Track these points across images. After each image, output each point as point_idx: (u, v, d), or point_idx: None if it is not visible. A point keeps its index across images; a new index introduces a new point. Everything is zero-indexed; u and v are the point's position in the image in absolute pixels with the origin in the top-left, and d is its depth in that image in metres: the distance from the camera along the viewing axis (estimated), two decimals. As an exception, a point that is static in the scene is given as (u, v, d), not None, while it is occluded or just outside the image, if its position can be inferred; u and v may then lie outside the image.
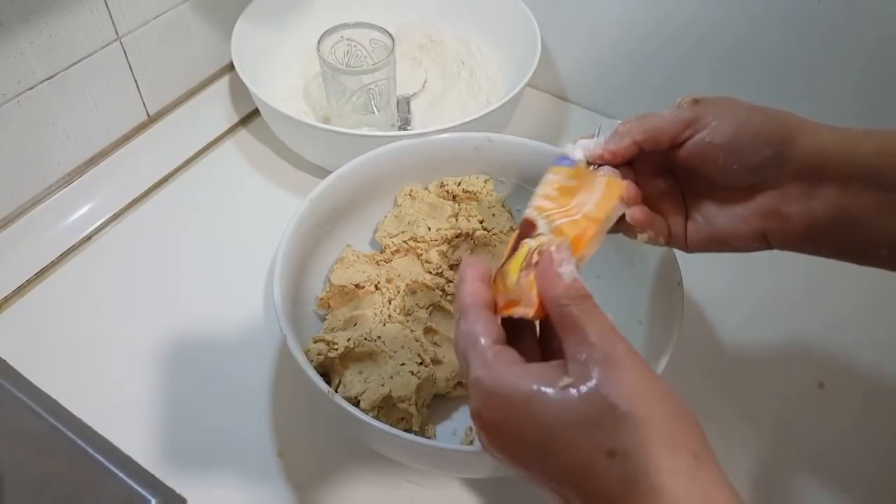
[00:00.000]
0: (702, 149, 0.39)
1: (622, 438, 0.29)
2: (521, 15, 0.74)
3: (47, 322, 0.60)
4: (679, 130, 0.40)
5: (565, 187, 0.38)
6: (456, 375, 0.53)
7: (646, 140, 0.41)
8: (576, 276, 0.33)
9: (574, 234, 0.37)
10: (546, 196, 0.39)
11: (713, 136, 0.39)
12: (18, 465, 0.46)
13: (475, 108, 0.75)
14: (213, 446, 0.53)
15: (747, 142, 0.38)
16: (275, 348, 0.59)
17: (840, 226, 0.38)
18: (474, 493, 0.52)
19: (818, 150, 0.38)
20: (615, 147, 0.41)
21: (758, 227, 0.41)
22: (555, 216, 0.38)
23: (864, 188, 0.37)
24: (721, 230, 0.42)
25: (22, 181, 0.63)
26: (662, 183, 0.43)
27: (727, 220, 0.42)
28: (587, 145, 0.42)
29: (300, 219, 0.54)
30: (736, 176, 0.40)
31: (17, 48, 0.57)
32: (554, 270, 0.33)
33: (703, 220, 0.43)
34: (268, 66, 0.75)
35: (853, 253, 0.40)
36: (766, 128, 0.39)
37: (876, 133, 0.37)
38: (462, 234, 0.59)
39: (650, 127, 0.40)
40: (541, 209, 0.38)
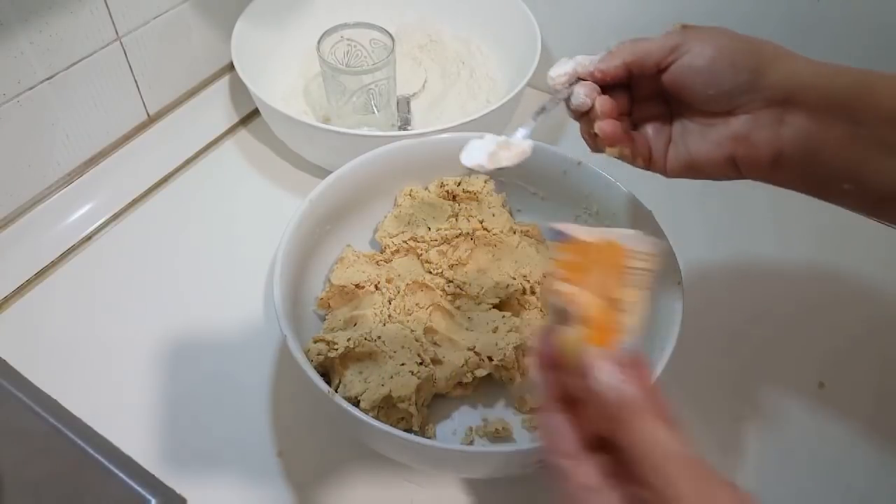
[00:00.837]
0: (682, 73, 0.42)
1: None
2: (521, 15, 0.74)
3: (47, 322, 0.60)
4: (664, 54, 0.42)
5: (571, 264, 0.36)
6: (456, 375, 0.53)
7: (634, 62, 0.43)
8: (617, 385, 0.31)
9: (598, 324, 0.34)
10: (559, 278, 0.36)
11: (692, 61, 0.41)
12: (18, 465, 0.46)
13: (475, 108, 0.75)
14: (212, 446, 0.53)
15: (723, 68, 0.40)
16: (275, 348, 0.59)
17: (806, 155, 0.39)
18: (474, 493, 0.52)
19: (791, 79, 0.39)
20: (605, 66, 0.44)
21: (729, 152, 0.42)
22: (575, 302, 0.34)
23: (834, 120, 0.38)
24: (696, 154, 0.43)
25: (22, 181, 0.63)
26: (655, 108, 0.45)
27: (702, 144, 0.43)
28: (582, 62, 0.44)
29: (300, 219, 0.54)
30: (712, 101, 0.41)
31: (17, 48, 0.57)
32: (592, 386, 0.31)
33: (682, 144, 0.44)
34: (268, 66, 0.75)
35: (817, 185, 0.41)
36: (743, 55, 0.40)
37: (854, 70, 0.38)
38: (462, 234, 0.59)
39: (639, 50, 0.43)
40: (561, 295, 0.35)
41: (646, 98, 0.45)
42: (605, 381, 0.31)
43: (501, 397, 0.55)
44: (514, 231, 0.60)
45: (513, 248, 0.59)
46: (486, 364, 0.53)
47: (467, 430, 0.53)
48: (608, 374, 0.31)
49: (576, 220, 0.61)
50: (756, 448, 0.55)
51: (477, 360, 0.53)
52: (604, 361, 0.31)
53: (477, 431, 0.53)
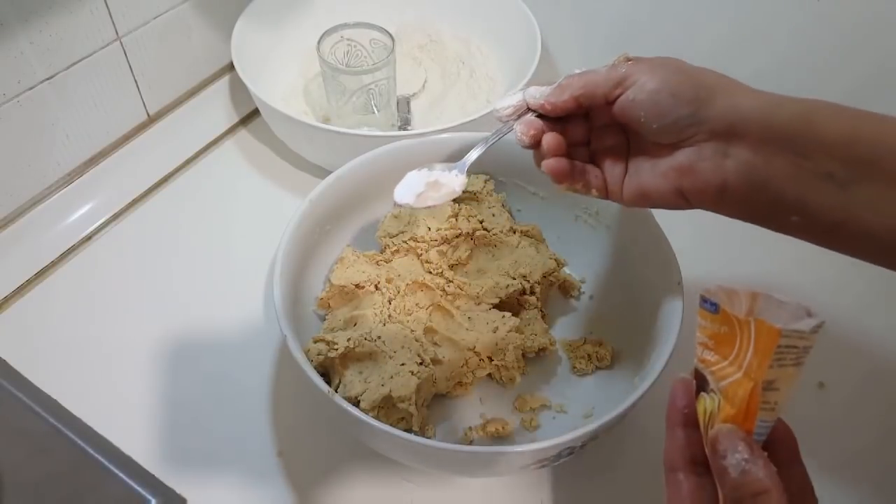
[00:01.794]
0: (627, 106, 0.42)
1: None
2: (521, 15, 0.74)
3: (47, 322, 0.60)
4: (611, 87, 0.42)
5: (719, 335, 0.33)
6: (456, 375, 0.53)
7: (583, 95, 0.43)
8: (744, 467, 0.30)
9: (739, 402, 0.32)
10: (704, 346, 0.34)
11: (636, 94, 0.41)
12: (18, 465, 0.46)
13: (475, 108, 0.75)
14: (212, 446, 0.53)
15: (665, 101, 0.40)
16: (275, 348, 0.59)
17: (751, 187, 0.39)
18: (474, 493, 0.52)
19: (733, 111, 0.39)
20: (555, 100, 0.44)
21: (675, 184, 0.42)
22: (718, 373, 0.33)
23: (777, 151, 0.38)
24: (646, 185, 0.44)
25: (22, 181, 0.63)
26: (612, 137, 0.45)
27: (652, 175, 0.43)
28: (533, 94, 0.45)
29: (300, 219, 0.54)
30: (657, 133, 0.41)
31: (17, 48, 0.57)
32: (720, 464, 0.30)
33: (635, 175, 0.45)
34: (268, 66, 0.75)
35: (764, 217, 0.41)
36: (685, 87, 0.40)
37: (797, 100, 0.38)
38: (462, 234, 0.59)
39: (587, 82, 0.43)
40: (705, 363, 0.33)
41: (603, 127, 0.46)
42: (733, 462, 0.30)
43: (501, 397, 0.55)
44: (514, 231, 0.60)
45: (513, 248, 0.59)
46: (486, 364, 0.53)
47: (467, 430, 0.53)
48: (737, 455, 0.30)
49: (576, 220, 0.61)
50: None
51: (477, 360, 0.53)
52: (736, 440, 0.30)
53: (477, 431, 0.53)
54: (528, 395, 0.55)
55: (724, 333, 0.32)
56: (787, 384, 0.31)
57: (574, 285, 0.61)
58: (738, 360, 0.32)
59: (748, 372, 0.31)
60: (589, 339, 0.57)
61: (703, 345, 0.33)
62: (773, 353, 0.30)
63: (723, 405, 0.31)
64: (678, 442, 0.34)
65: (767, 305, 0.31)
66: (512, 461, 0.46)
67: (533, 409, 0.54)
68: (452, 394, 0.54)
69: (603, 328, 0.58)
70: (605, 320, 0.59)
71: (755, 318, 0.31)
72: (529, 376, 0.56)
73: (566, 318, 0.60)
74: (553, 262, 0.58)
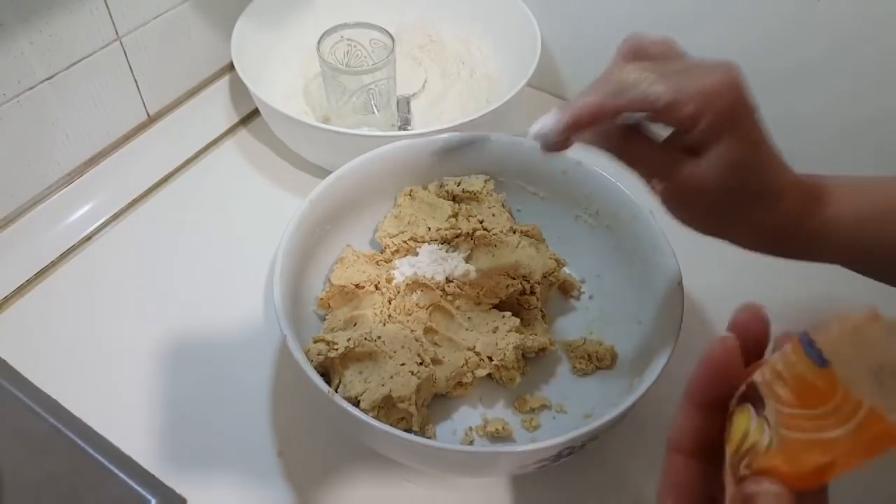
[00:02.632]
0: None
1: None
2: (521, 15, 0.74)
3: (47, 322, 0.60)
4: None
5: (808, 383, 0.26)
6: (456, 375, 0.53)
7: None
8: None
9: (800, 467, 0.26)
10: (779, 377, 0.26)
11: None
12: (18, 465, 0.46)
13: (475, 108, 0.75)
14: (212, 446, 0.53)
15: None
16: (275, 348, 0.59)
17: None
18: (474, 493, 0.52)
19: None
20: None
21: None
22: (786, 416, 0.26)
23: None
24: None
25: (22, 181, 0.63)
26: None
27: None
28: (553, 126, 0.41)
29: (300, 219, 0.54)
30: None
31: (17, 48, 0.57)
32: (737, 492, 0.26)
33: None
34: (268, 66, 0.75)
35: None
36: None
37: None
38: (462, 234, 0.59)
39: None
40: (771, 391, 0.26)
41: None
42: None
43: (501, 397, 0.55)
44: (514, 231, 0.60)
45: (513, 248, 0.59)
46: (486, 364, 0.53)
47: (467, 430, 0.53)
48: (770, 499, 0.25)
49: (576, 220, 0.61)
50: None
51: (477, 360, 0.53)
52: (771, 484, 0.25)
53: (477, 431, 0.53)
54: (528, 395, 0.55)
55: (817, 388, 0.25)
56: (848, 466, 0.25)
57: (574, 285, 0.61)
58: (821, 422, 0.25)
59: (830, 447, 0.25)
60: (589, 339, 0.57)
61: (778, 375, 0.26)
62: (875, 449, 0.24)
63: (774, 451, 0.26)
64: (692, 423, 0.29)
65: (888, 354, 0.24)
66: (512, 461, 0.46)
67: (533, 409, 0.54)
68: (452, 394, 0.54)
69: (603, 328, 0.58)
70: (605, 320, 0.59)
71: (869, 406, 0.24)
72: (529, 376, 0.56)
73: (566, 318, 0.60)
74: (553, 262, 0.58)
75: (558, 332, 0.59)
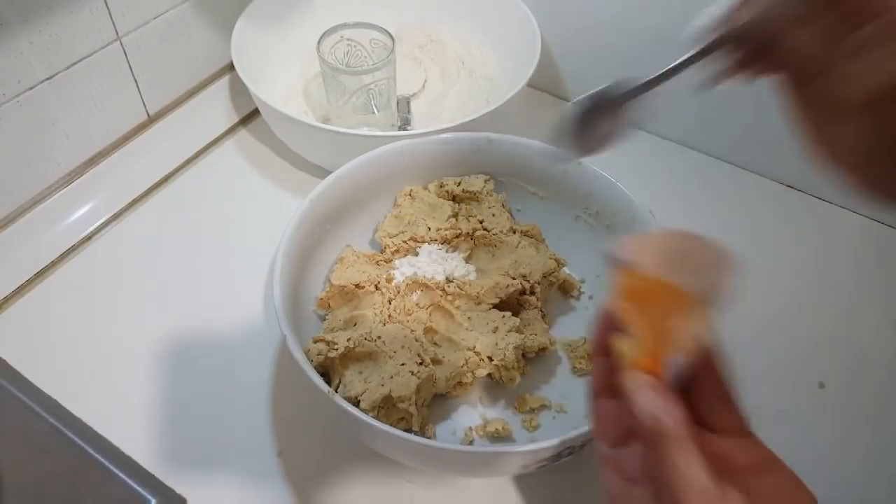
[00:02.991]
0: None
1: None
2: (521, 15, 0.74)
3: (47, 322, 0.60)
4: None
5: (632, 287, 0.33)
6: (456, 375, 0.53)
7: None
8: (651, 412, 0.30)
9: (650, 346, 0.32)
10: (617, 295, 0.33)
11: None
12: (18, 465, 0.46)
13: (475, 108, 0.75)
14: (213, 446, 0.53)
15: None
16: (275, 348, 0.59)
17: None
18: (474, 493, 0.52)
19: None
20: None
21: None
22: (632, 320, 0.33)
23: None
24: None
25: (22, 181, 0.63)
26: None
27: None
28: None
29: (300, 219, 0.54)
30: None
31: (17, 48, 0.57)
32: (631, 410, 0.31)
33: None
34: (268, 66, 0.75)
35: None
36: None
37: None
38: (462, 234, 0.59)
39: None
40: (620, 309, 0.33)
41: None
42: (645, 409, 0.30)
43: (501, 397, 0.55)
44: (514, 231, 0.60)
45: (513, 248, 0.59)
46: (486, 364, 0.53)
47: (467, 430, 0.53)
48: (648, 402, 0.30)
49: (576, 220, 0.61)
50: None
51: (477, 360, 0.53)
52: (646, 388, 0.30)
53: (477, 431, 0.53)
54: (528, 395, 0.55)
55: (637, 287, 0.33)
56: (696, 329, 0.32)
57: (574, 285, 0.61)
58: (649, 308, 0.32)
59: (655, 321, 0.32)
60: (589, 339, 0.57)
61: (616, 295, 0.33)
62: (680, 305, 0.31)
63: (636, 351, 0.32)
64: (601, 369, 0.34)
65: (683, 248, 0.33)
66: (512, 461, 0.46)
67: (533, 409, 0.54)
68: (452, 394, 0.54)
69: (603, 328, 0.58)
70: (605, 320, 0.59)
71: (662, 279, 0.31)
72: (529, 376, 0.56)
73: (566, 318, 0.60)
74: (553, 262, 0.58)
75: (558, 332, 0.59)
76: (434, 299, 0.56)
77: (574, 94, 0.80)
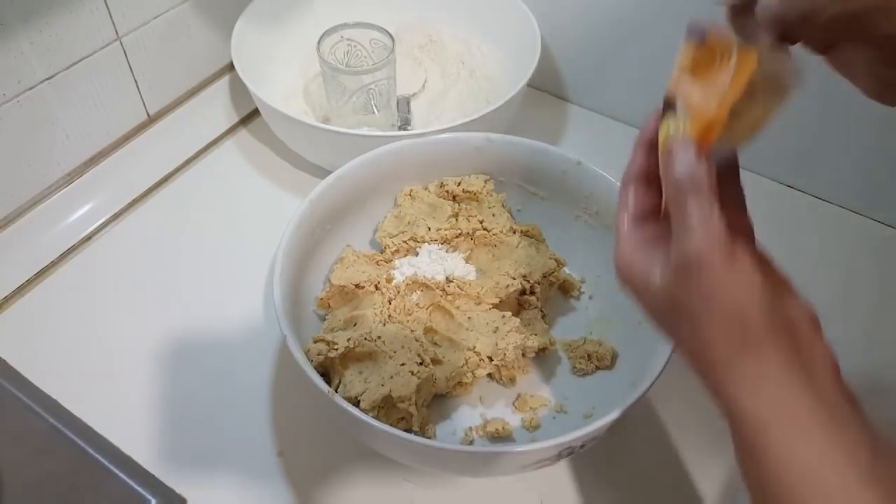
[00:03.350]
0: None
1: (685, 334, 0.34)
2: (521, 15, 0.74)
3: (47, 322, 0.60)
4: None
5: (699, 59, 0.34)
6: (456, 375, 0.53)
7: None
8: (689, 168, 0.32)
9: (703, 122, 0.33)
10: (682, 70, 0.34)
11: None
12: (18, 465, 0.46)
13: (475, 108, 0.75)
14: (213, 446, 0.53)
15: None
16: (275, 348, 0.59)
17: None
18: (474, 493, 0.52)
19: None
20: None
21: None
22: (690, 95, 0.34)
23: None
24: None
25: (22, 181, 0.63)
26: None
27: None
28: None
29: (300, 219, 0.54)
30: None
31: (17, 48, 0.57)
32: (667, 162, 0.34)
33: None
34: (268, 66, 0.75)
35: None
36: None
37: None
38: (462, 234, 0.59)
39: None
40: (679, 86, 0.34)
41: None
42: (679, 161, 0.33)
43: (501, 397, 0.55)
44: (514, 231, 0.60)
45: (513, 248, 0.59)
46: (486, 364, 0.53)
47: (467, 430, 0.53)
48: (685, 157, 0.33)
49: (576, 220, 0.61)
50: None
51: (477, 360, 0.53)
52: (687, 147, 0.33)
53: (477, 431, 0.53)
54: (528, 395, 0.55)
55: (705, 58, 0.33)
56: (755, 116, 0.32)
57: (574, 285, 0.61)
58: (712, 83, 0.32)
59: (719, 95, 0.32)
60: (589, 339, 0.57)
61: (681, 68, 0.34)
62: (747, 76, 0.31)
63: (687, 126, 0.33)
64: (638, 159, 0.37)
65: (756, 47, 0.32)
66: (512, 461, 0.46)
67: (533, 409, 0.54)
68: (452, 394, 0.54)
69: (603, 328, 0.58)
70: (605, 320, 0.59)
71: (738, 43, 0.32)
72: (529, 376, 0.56)
73: (566, 318, 0.60)
74: (553, 262, 0.58)
75: (558, 332, 0.59)
76: (434, 299, 0.56)
77: (574, 94, 0.80)
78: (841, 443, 0.31)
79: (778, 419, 0.32)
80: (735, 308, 0.32)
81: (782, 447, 0.31)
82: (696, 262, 0.32)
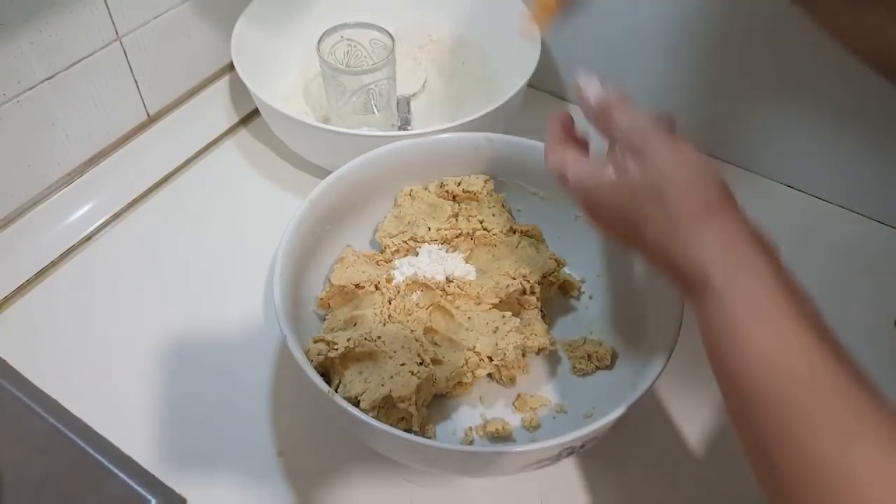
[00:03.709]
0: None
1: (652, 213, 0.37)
2: (521, 15, 0.74)
3: (47, 322, 0.60)
4: None
5: None
6: (456, 375, 0.53)
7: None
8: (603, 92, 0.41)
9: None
10: None
11: None
12: (18, 465, 0.46)
13: (475, 108, 0.75)
14: (213, 446, 0.53)
15: None
16: (275, 348, 0.59)
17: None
18: (474, 493, 0.52)
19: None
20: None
21: None
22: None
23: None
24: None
25: (22, 181, 0.63)
26: None
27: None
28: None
29: (300, 219, 0.54)
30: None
31: (17, 48, 0.57)
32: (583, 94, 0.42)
33: None
34: (268, 66, 0.75)
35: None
36: None
37: None
38: (462, 234, 0.59)
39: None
40: None
41: None
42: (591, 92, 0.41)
43: (501, 397, 0.55)
44: (514, 231, 0.60)
45: (513, 248, 0.59)
46: (486, 364, 0.53)
47: (467, 430, 0.53)
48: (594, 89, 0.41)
49: (576, 220, 0.61)
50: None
51: (477, 360, 0.53)
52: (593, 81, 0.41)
53: (477, 431, 0.53)
54: (528, 395, 0.55)
55: None
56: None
57: (574, 285, 0.61)
58: None
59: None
60: (589, 339, 0.57)
61: None
62: None
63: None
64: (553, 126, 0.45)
65: None
66: (512, 461, 0.46)
67: (533, 409, 0.54)
68: (452, 394, 0.54)
69: (603, 328, 0.58)
70: (605, 320, 0.59)
71: None
72: (529, 376, 0.56)
73: (566, 318, 0.60)
74: (553, 262, 0.58)
75: (558, 332, 0.59)
76: (434, 299, 0.56)
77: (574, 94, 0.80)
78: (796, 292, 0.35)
79: (746, 274, 0.34)
80: (692, 175, 0.36)
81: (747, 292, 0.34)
82: (642, 143, 0.36)
